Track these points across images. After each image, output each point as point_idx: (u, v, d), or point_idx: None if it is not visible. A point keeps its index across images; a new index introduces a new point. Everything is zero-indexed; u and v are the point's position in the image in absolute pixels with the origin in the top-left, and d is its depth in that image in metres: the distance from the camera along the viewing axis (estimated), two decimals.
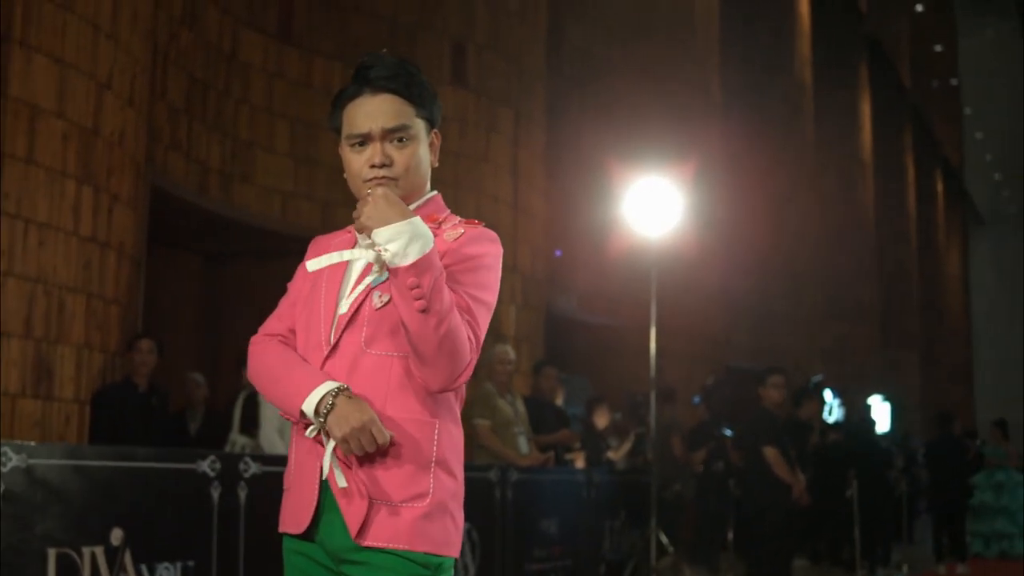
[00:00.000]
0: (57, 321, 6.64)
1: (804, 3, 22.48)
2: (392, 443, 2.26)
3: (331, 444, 2.27)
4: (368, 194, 2.25)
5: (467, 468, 2.43)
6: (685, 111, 15.95)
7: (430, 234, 2.19)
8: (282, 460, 6.34)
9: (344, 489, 2.27)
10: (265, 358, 2.44)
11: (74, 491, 4.73)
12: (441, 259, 2.27)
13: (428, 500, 2.26)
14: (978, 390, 38.97)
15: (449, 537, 2.30)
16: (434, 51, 11.16)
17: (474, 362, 2.24)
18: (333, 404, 2.24)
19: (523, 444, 8.24)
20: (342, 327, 2.33)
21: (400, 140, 2.39)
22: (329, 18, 10.61)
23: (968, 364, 38.81)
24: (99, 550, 4.75)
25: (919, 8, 33.04)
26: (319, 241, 2.55)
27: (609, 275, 14.36)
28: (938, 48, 36.42)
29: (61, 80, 6.62)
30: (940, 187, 36.01)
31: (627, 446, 11.25)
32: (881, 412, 21.54)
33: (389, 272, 2.19)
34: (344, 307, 2.34)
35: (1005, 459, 14.75)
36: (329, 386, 2.27)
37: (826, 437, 12.79)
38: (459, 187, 10.78)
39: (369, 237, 2.23)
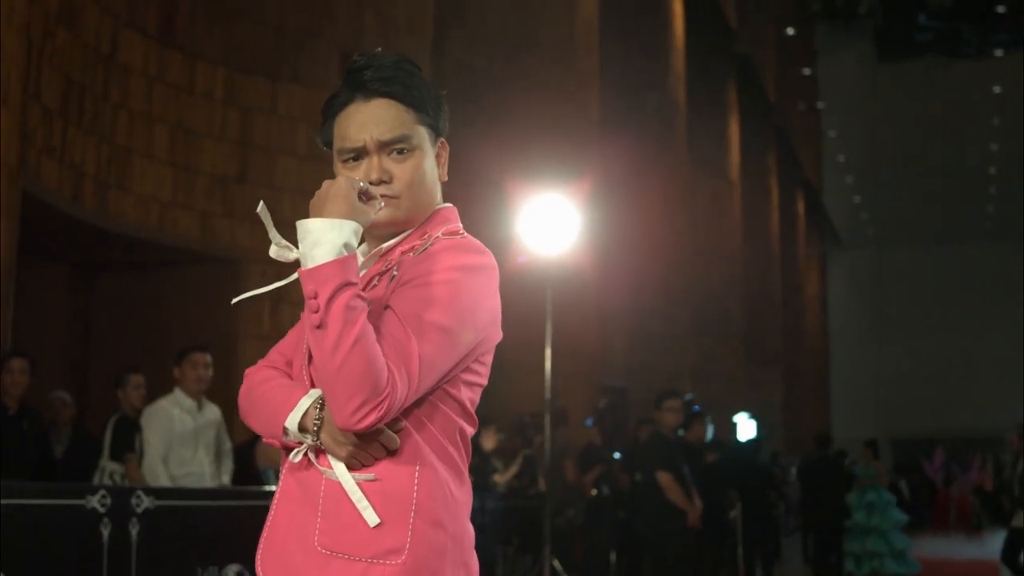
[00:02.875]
0: None
1: (679, 20, 22.62)
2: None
3: (340, 466, 1.95)
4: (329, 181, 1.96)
5: None
6: (564, 128, 15.82)
7: (343, 241, 1.86)
8: (177, 493, 5.96)
9: (299, 541, 1.95)
10: (249, 383, 2.12)
11: None
12: (398, 276, 1.98)
13: (404, 556, 1.90)
14: (834, 408, 39.88)
15: None
16: (321, 59, 10.80)
17: (397, 399, 1.86)
18: (321, 418, 1.92)
19: None
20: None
21: (399, 152, 2.07)
22: (213, 21, 10.15)
23: (825, 382, 39.69)
24: None
25: (790, 31, 33.69)
26: None
27: None
28: (806, 71, 37.23)
29: None
30: (801, 208, 36.77)
31: (514, 468, 11.01)
32: (747, 429, 21.83)
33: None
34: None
35: (876, 478, 14.94)
36: (313, 396, 1.94)
37: (699, 456, 12.77)
38: None
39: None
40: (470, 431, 2.10)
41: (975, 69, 39.78)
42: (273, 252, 1.99)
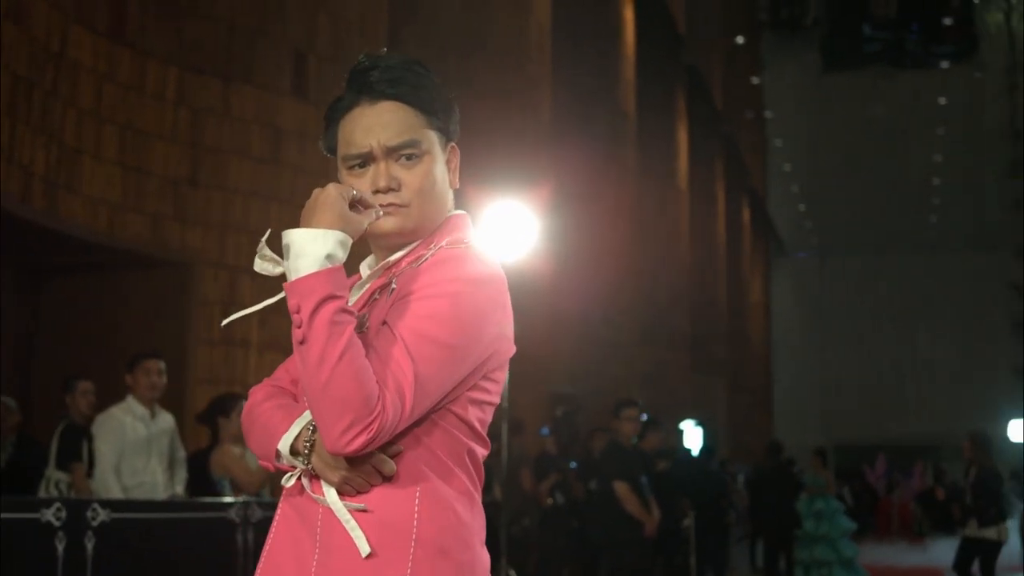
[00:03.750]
0: None
1: (629, 26, 22.61)
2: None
3: (332, 492, 1.84)
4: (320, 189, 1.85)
5: None
6: (516, 133, 15.72)
7: (326, 252, 1.76)
8: (134, 506, 5.78)
9: (297, 571, 1.84)
10: (250, 403, 2.01)
11: None
12: (396, 290, 1.87)
13: None
14: (777, 415, 40.10)
15: None
16: (273, 59, 10.63)
17: (388, 420, 1.74)
18: (312, 441, 1.81)
19: None
20: None
21: (408, 158, 1.96)
22: (164, 19, 9.93)
23: (769, 390, 39.90)
24: None
25: (740, 40, 33.87)
26: None
27: None
28: (754, 80, 37.46)
29: None
30: (747, 216, 36.94)
31: None
32: (693, 437, 21.88)
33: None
34: None
35: (825, 487, 14.99)
36: (306, 418, 1.84)
37: (655, 465, 12.73)
38: (296, 204, 10.23)
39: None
40: (481, 452, 1.98)
41: (920, 80, 40.33)
42: (257, 266, 1.88)
